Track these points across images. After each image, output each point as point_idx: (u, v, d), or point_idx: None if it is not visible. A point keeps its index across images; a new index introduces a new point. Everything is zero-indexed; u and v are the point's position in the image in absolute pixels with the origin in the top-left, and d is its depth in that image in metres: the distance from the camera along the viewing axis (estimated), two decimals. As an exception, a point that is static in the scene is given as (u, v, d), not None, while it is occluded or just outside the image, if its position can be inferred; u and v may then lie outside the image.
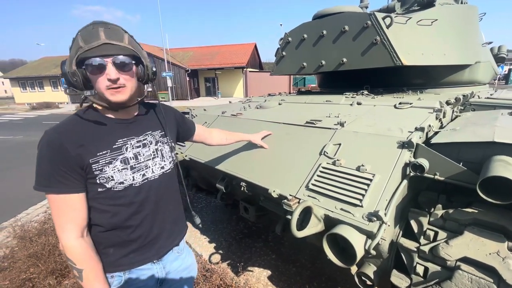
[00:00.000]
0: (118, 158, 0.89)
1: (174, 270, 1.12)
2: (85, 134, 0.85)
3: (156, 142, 1.02)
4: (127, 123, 0.95)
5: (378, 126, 1.47)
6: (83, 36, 0.79)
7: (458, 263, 0.98)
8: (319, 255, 2.50)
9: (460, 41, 2.43)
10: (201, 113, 2.62)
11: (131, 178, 0.91)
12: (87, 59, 0.79)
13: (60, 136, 0.82)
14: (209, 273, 2.14)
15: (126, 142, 0.92)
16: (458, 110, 1.85)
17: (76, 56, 0.79)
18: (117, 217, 0.90)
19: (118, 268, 0.95)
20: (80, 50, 0.78)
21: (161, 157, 1.02)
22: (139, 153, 0.95)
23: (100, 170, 0.85)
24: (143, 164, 0.95)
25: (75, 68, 0.80)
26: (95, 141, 0.86)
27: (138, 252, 0.97)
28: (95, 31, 0.79)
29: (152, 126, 1.03)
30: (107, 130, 0.90)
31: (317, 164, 1.35)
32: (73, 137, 0.83)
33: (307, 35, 2.67)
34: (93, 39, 0.78)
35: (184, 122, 1.26)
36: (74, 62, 0.79)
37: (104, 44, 0.79)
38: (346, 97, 2.28)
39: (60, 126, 0.85)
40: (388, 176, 1.13)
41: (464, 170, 1.07)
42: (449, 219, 1.10)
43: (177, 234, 1.13)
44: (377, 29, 2.12)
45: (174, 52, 26.45)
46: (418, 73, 2.50)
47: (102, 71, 0.81)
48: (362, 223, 1.03)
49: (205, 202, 3.78)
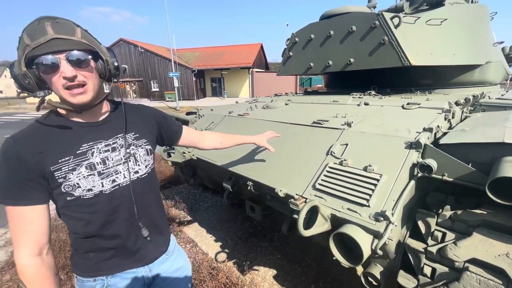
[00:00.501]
0: (82, 164, 0.82)
1: (163, 272, 1.07)
2: (45, 140, 0.79)
3: (129, 145, 0.94)
4: (95, 126, 0.88)
5: (385, 126, 1.47)
6: (28, 33, 0.71)
7: (466, 265, 0.97)
8: (325, 256, 2.49)
9: (470, 41, 2.39)
10: (208, 113, 2.65)
11: (100, 185, 0.85)
12: (37, 57, 0.71)
13: (16, 144, 0.76)
14: (215, 271, 2.17)
15: (92, 147, 0.85)
16: (467, 110, 1.82)
17: (24, 56, 0.71)
18: (91, 225, 0.85)
19: (100, 273, 0.91)
20: (27, 49, 0.70)
21: (134, 161, 0.94)
22: (108, 157, 0.88)
23: (64, 178, 0.79)
24: (112, 169, 0.88)
25: (25, 69, 0.72)
26: (57, 147, 0.80)
27: (119, 257, 0.93)
28: (41, 26, 0.71)
29: (124, 128, 0.95)
30: (70, 135, 0.83)
31: (324, 164, 1.36)
32: (31, 144, 0.77)
33: (314, 36, 2.67)
34: (39, 34, 0.70)
35: (168, 124, 1.14)
36: (23, 62, 0.71)
37: (53, 40, 0.71)
38: (353, 97, 2.27)
39: (17, 134, 0.79)
40: (395, 177, 1.13)
41: (473, 171, 1.06)
42: (458, 220, 1.09)
43: (162, 240, 1.07)
44: (385, 29, 2.11)
45: (181, 52, 26.69)
46: (426, 73, 2.47)
47: (56, 70, 0.72)
48: (369, 223, 1.04)
49: (211, 201, 3.81)
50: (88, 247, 0.89)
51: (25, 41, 0.70)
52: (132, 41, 24.33)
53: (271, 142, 1.46)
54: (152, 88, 25.07)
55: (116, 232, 0.90)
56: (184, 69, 23.17)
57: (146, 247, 0.99)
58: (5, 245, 2.86)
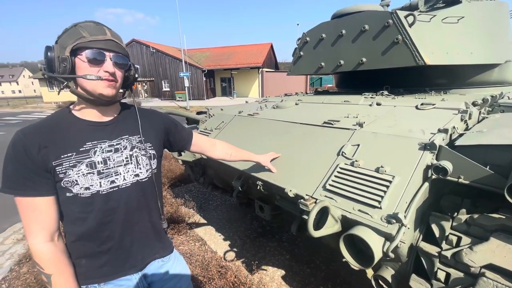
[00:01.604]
0: (83, 162, 0.84)
1: (159, 279, 1.06)
2: (52, 135, 0.82)
3: (132, 148, 0.95)
4: (101, 126, 0.91)
5: (398, 127, 1.44)
6: (86, 28, 0.82)
7: (482, 270, 0.94)
8: (334, 257, 2.47)
9: (489, 39, 2.31)
10: (218, 112, 2.66)
11: (98, 184, 0.86)
12: (88, 49, 0.81)
13: (24, 138, 0.79)
14: (224, 269, 2.18)
15: (96, 146, 0.88)
16: (485, 111, 1.76)
17: (75, 43, 0.79)
18: (85, 225, 0.86)
19: (92, 281, 0.91)
20: (82, 39, 0.80)
21: (135, 164, 0.95)
22: (109, 158, 0.89)
23: (64, 173, 0.81)
24: (113, 170, 0.89)
25: (68, 54, 0.79)
26: (61, 143, 0.83)
27: (112, 264, 0.93)
28: (100, 27, 0.85)
29: (130, 131, 0.97)
30: (76, 132, 0.86)
31: (335, 165, 1.34)
32: (38, 138, 0.80)
33: (326, 35, 2.64)
34: (98, 33, 0.83)
35: (177, 131, 1.17)
36: (69, 48, 0.79)
37: (109, 40, 0.84)
38: (365, 97, 2.23)
39: (27, 127, 0.83)
40: (408, 178, 1.11)
41: (491, 173, 1.02)
42: (474, 224, 1.05)
43: (159, 247, 1.07)
44: (398, 28, 2.07)
45: (191, 52, 26.99)
46: (442, 73, 2.40)
47: (100, 64, 0.83)
48: (380, 225, 1.02)
49: (221, 200, 3.84)
50: (81, 252, 0.90)
51: (82, 33, 0.80)
52: (144, 41, 24.80)
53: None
54: (163, 88, 25.47)
55: (110, 234, 0.91)
56: (195, 69, 23.43)
57: (141, 252, 0.99)
58: (23, 239, 2.98)
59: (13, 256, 2.69)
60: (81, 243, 0.89)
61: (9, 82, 71.92)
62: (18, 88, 71.29)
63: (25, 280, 2.25)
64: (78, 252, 0.90)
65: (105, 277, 0.92)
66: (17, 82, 71.81)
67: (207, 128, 2.43)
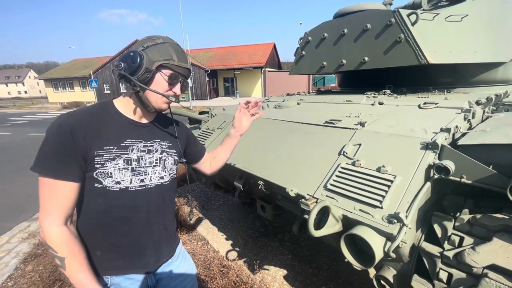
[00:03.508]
0: (122, 157, 0.89)
1: (168, 275, 1.09)
2: (97, 124, 0.86)
3: (162, 151, 1.01)
4: (139, 126, 0.97)
5: (400, 126, 1.43)
6: (175, 52, 0.91)
7: (485, 271, 0.93)
8: (336, 257, 2.46)
9: (494, 37, 2.28)
10: (221, 112, 2.67)
11: (129, 181, 0.90)
12: (172, 70, 0.91)
13: (72, 122, 0.81)
14: (226, 269, 2.19)
15: (134, 144, 0.93)
16: (489, 110, 1.74)
17: (164, 62, 0.88)
18: (107, 217, 0.89)
19: (104, 272, 0.93)
20: (172, 62, 0.89)
21: (162, 167, 1.00)
22: (142, 157, 0.94)
23: (102, 165, 0.84)
24: (143, 169, 0.94)
25: (154, 68, 0.87)
26: (105, 134, 0.86)
27: (125, 260, 0.95)
28: (184, 55, 0.94)
29: (162, 135, 1.04)
30: (119, 127, 0.91)
31: (336, 164, 1.34)
32: (86, 124, 0.83)
33: (328, 34, 2.63)
34: (183, 60, 0.93)
35: (195, 145, 1.24)
36: (157, 64, 0.87)
37: (187, 69, 0.96)
38: (367, 96, 2.22)
39: (75, 111, 0.86)
40: (410, 178, 1.10)
41: (494, 173, 1.01)
42: (477, 224, 1.04)
43: (170, 246, 1.10)
44: (401, 26, 2.05)
45: (194, 53, 27.07)
46: (445, 72, 2.38)
47: (173, 85, 0.93)
48: (381, 224, 1.01)
49: (223, 200, 3.84)
50: (97, 242, 0.91)
51: (172, 56, 0.90)
52: (148, 42, 24.87)
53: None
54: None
55: (129, 230, 0.93)
56: (198, 69, 23.49)
57: (154, 255, 1.01)
58: (28, 238, 3.02)
59: (19, 255, 2.72)
60: (99, 233, 0.91)
61: (15, 83, 72.95)
62: (24, 89, 72.23)
63: (30, 278, 2.28)
64: (94, 242, 0.91)
65: (117, 271, 0.94)
66: (23, 83, 72.79)
67: (209, 128, 2.44)
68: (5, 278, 2.39)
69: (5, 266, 2.59)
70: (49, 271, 2.23)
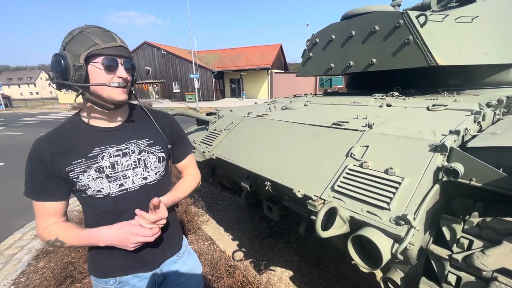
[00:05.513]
0: (92, 167, 0.88)
1: (174, 273, 1.10)
2: (63, 143, 0.87)
3: (140, 152, 0.97)
4: (109, 131, 0.94)
5: (408, 128, 1.42)
6: (97, 35, 0.81)
7: (495, 274, 0.92)
8: (343, 259, 2.45)
9: (505, 38, 2.24)
10: (228, 113, 2.70)
11: (108, 187, 0.90)
12: (102, 56, 0.81)
13: (40, 147, 0.85)
14: (232, 269, 2.20)
15: (104, 151, 0.91)
16: (500, 112, 1.71)
17: (89, 51, 0.79)
18: (104, 221, 0.91)
19: (110, 274, 0.97)
20: (96, 47, 0.80)
21: (143, 167, 0.97)
22: (117, 162, 0.92)
23: (76, 178, 0.86)
24: (121, 173, 0.92)
25: (82, 62, 0.79)
26: (73, 149, 0.87)
27: (125, 261, 0.97)
28: (108, 33, 0.84)
29: (138, 135, 0.99)
30: (86, 138, 0.90)
31: (343, 166, 1.34)
32: (51, 147, 0.85)
33: (335, 36, 2.64)
34: (109, 39, 0.83)
35: (180, 143, 1.14)
36: (84, 56, 0.79)
37: (120, 46, 0.85)
38: (375, 98, 2.21)
39: (42, 137, 0.88)
40: (418, 180, 1.10)
41: (504, 176, 1.00)
42: (486, 227, 1.03)
43: (171, 244, 1.10)
44: (410, 28, 2.04)
45: (201, 54, 27.29)
46: (455, 73, 2.35)
47: (113, 70, 0.84)
48: (389, 226, 1.01)
49: (229, 201, 3.87)
50: (98, 246, 0.91)
51: (95, 40, 0.80)
52: (156, 44, 25.27)
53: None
54: (173, 89, 25.86)
55: None
56: (204, 71, 23.67)
57: (151, 253, 1.01)
58: (40, 235, 3.09)
59: (31, 251, 2.80)
60: None
61: (27, 84, 74.78)
62: (36, 90, 74.04)
63: (42, 274, 2.35)
64: (96, 246, 0.93)
65: (121, 272, 0.98)
66: (34, 84, 74.58)
67: (216, 129, 2.46)
68: (18, 274, 2.46)
69: (18, 262, 2.67)
70: (61, 268, 2.28)
